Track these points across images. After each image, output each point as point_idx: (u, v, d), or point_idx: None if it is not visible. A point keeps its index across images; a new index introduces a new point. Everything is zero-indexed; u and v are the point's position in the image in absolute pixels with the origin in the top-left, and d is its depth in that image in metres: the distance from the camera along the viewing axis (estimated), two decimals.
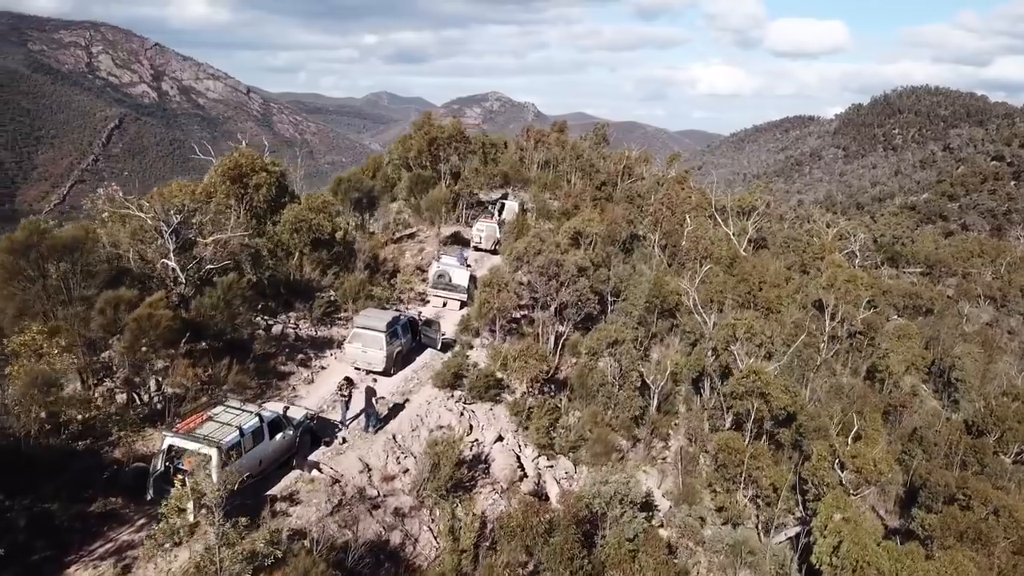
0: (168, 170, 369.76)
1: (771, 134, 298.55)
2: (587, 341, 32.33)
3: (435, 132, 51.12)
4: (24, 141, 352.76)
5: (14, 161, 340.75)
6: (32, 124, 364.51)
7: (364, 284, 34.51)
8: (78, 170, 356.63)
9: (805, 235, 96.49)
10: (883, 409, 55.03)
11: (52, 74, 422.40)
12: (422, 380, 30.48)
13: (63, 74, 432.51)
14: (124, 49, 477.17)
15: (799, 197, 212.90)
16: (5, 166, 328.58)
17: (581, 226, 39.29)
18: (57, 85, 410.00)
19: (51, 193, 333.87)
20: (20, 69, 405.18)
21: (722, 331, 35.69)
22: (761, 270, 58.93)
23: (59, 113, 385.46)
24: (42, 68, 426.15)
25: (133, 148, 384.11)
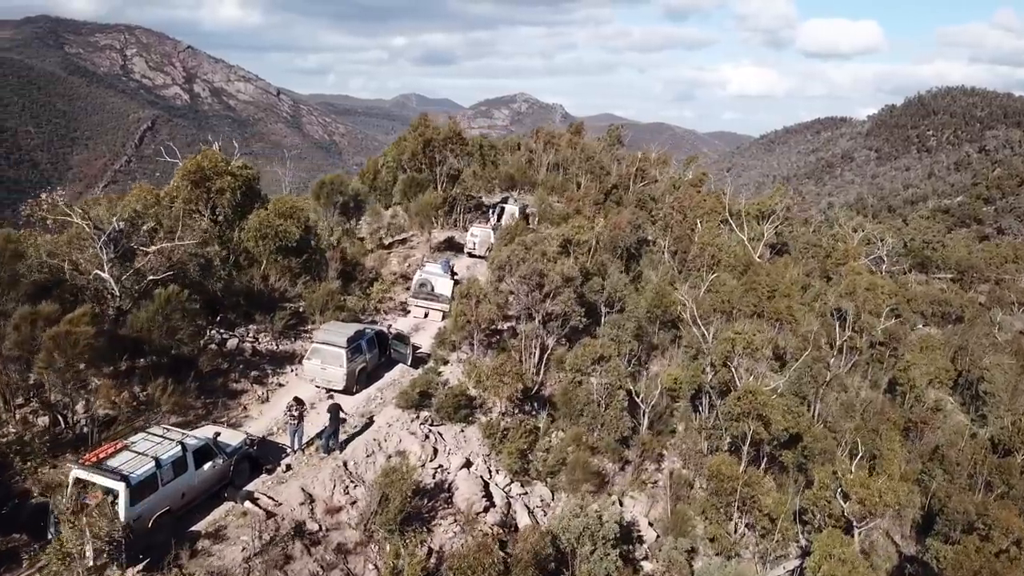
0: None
1: (802, 136, 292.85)
2: (570, 357, 30.13)
3: (431, 133, 49.22)
4: (60, 142, 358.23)
5: (50, 162, 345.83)
6: (68, 125, 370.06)
7: (334, 294, 32.56)
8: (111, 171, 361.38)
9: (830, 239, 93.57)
10: (903, 426, 52.22)
11: (88, 76, 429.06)
12: (386, 400, 28.38)
13: (98, 76, 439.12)
14: (157, 52, 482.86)
15: (830, 199, 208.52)
16: (41, 167, 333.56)
17: (571, 233, 37.10)
18: (92, 87, 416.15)
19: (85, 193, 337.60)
20: (57, 71, 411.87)
21: (721, 345, 33.30)
22: (775, 278, 56.32)
23: (94, 115, 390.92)
24: (78, 70, 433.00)
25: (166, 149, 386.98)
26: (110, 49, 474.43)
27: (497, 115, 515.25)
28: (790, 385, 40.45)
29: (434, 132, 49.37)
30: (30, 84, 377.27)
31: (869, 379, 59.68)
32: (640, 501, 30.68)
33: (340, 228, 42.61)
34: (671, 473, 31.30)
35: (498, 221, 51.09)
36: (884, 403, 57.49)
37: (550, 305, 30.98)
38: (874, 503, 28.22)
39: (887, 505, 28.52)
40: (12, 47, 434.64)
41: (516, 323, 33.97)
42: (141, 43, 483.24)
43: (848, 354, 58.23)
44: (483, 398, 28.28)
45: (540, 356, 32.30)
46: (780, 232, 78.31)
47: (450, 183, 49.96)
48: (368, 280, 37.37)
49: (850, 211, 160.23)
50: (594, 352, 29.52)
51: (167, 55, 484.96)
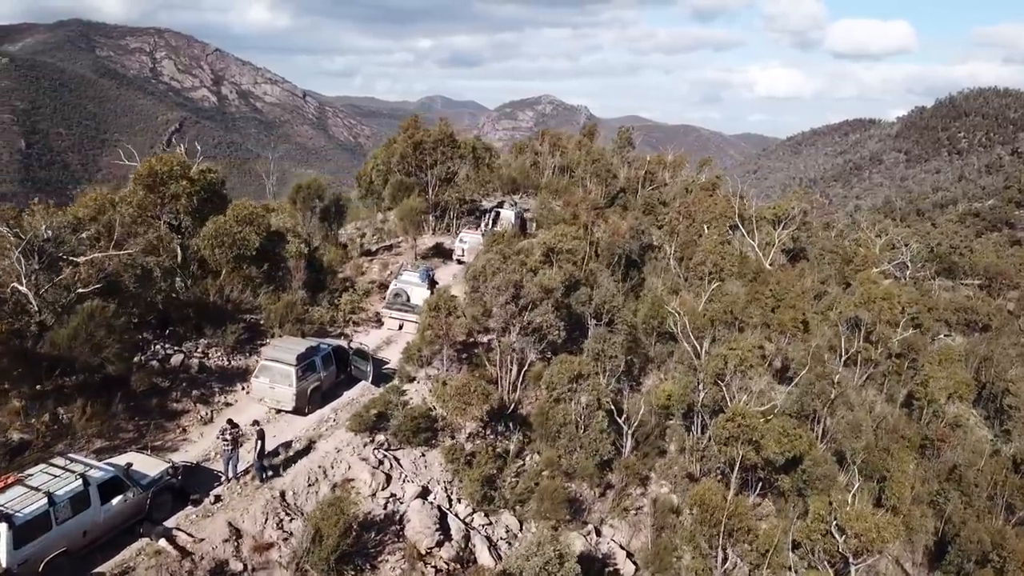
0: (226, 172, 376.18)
1: (829, 137, 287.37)
2: (546, 375, 28.01)
3: (421, 135, 47.37)
4: (90, 144, 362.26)
5: (80, 163, 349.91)
6: (97, 127, 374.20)
7: (294, 306, 30.67)
8: None
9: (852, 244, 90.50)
10: (919, 443, 49.51)
11: (118, 79, 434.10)
12: (340, 421, 26.39)
13: (128, 79, 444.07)
14: (186, 54, 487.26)
15: (857, 203, 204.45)
16: (71, 168, 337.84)
17: (553, 241, 34.96)
18: (122, 89, 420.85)
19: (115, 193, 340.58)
20: (88, 74, 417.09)
21: (712, 362, 31.06)
22: (784, 286, 53.80)
23: (123, 117, 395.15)
24: (109, 73, 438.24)
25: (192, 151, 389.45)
26: (140, 52, 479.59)
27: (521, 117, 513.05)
28: (792, 403, 38.09)
29: (424, 134, 47.54)
30: (62, 87, 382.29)
31: (885, 392, 56.95)
32: (620, 530, 28.56)
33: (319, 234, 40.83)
34: (655, 500, 29.13)
35: (493, 227, 49.13)
36: (899, 419, 54.73)
37: (528, 318, 28.92)
38: (872, 539, 25.87)
39: (886, 541, 26.14)
40: (45, 50, 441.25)
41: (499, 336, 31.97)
42: (170, 46, 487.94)
43: (863, 366, 55.63)
44: (450, 419, 26.23)
45: (517, 372, 30.26)
46: (797, 237, 75.65)
47: (443, 186, 48.07)
48: (340, 290, 35.45)
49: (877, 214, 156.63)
50: (571, 369, 27.40)
51: (195, 58, 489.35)
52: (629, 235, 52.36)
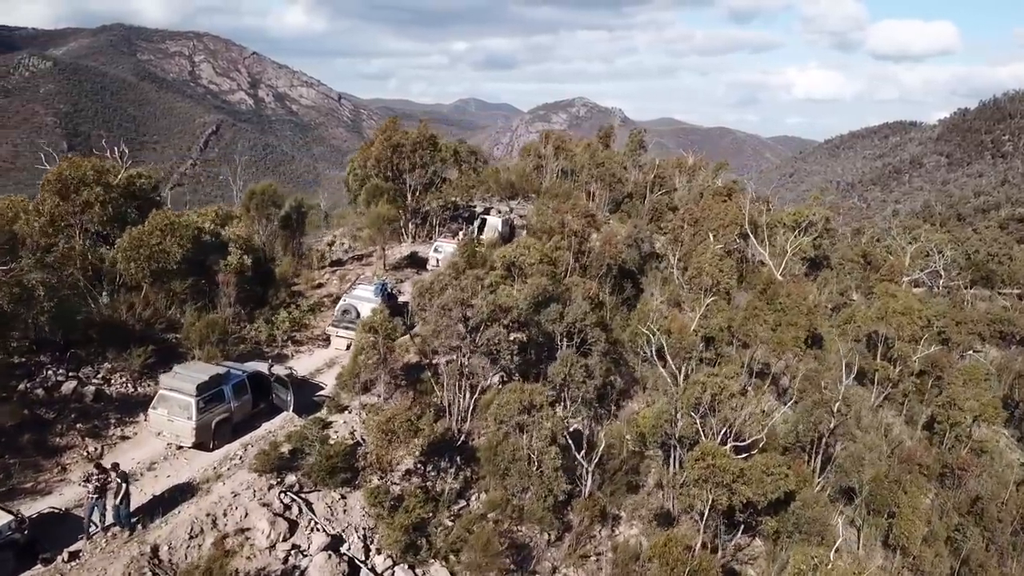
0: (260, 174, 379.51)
1: (868, 140, 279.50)
2: (494, 405, 25.06)
3: (399, 138, 44.76)
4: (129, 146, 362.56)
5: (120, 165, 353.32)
6: (137, 130, 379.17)
7: (215, 325, 27.98)
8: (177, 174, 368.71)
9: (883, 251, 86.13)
10: (938, 471, 45.67)
11: (157, 82, 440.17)
12: (247, 459, 23.60)
13: (168, 82, 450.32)
14: (224, 58, 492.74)
15: (895, 207, 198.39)
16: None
17: (514, 255, 31.95)
18: (161, 92, 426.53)
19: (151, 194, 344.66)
20: (129, 78, 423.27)
21: (690, 390, 27.94)
22: (796, 299, 50.28)
23: (162, 119, 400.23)
24: (149, 76, 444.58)
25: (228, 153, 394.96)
26: (179, 56, 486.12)
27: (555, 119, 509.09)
28: (788, 432, 34.75)
29: (403, 136, 44.91)
30: (103, 90, 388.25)
31: (904, 414, 53.08)
32: None
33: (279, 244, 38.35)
34: (616, 547, 26.10)
35: (479, 235, 46.36)
36: (918, 444, 50.86)
37: (479, 339, 26.08)
38: None
39: None
40: (88, 54, 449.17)
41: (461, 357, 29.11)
42: (209, 49, 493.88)
43: (880, 386, 51.86)
44: (376, 456, 23.35)
45: (469, 399, 27.43)
46: (819, 245, 71.82)
47: (424, 192, 45.41)
48: (283, 305, 32.67)
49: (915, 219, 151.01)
50: (522, 398, 24.45)
51: (233, 61, 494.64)
52: (627, 243, 49.36)
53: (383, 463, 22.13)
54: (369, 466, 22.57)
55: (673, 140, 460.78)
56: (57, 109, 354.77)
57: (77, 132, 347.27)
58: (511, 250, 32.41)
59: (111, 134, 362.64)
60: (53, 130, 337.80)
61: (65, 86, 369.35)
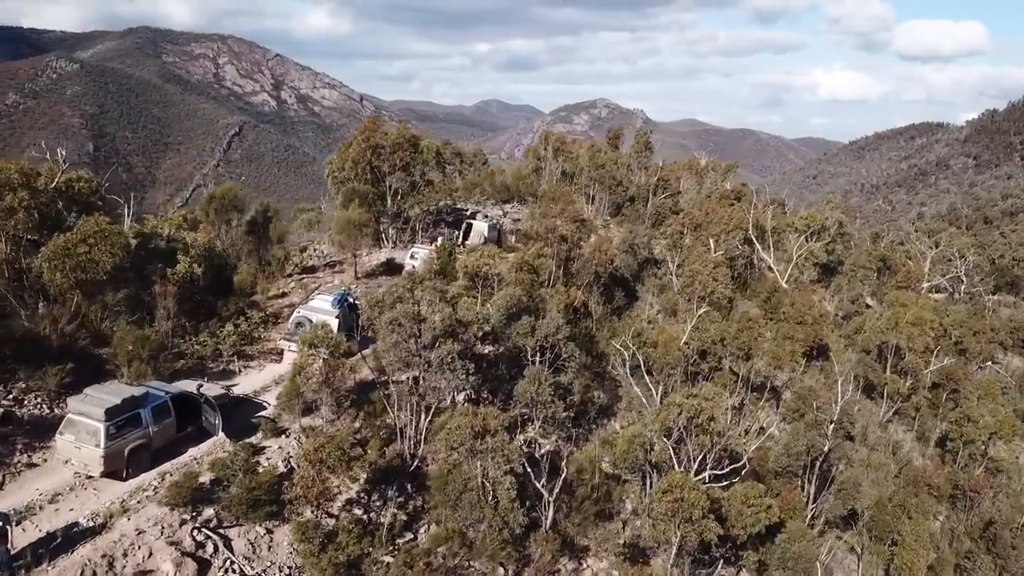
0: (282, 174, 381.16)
1: (894, 142, 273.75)
2: (444, 431, 23.05)
3: (378, 139, 42.94)
4: (154, 147, 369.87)
5: (144, 166, 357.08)
6: (161, 131, 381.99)
7: (146, 340, 26.03)
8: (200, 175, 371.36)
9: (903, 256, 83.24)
10: (949, 492, 43.13)
11: (182, 84, 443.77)
12: (162, 490, 21.24)
13: (192, 84, 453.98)
14: (248, 60, 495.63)
15: (920, 209, 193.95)
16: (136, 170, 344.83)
17: (478, 264, 29.86)
18: (186, 94, 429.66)
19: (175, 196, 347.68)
20: (154, 80, 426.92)
21: (663, 413, 25.87)
22: (799, 308, 47.92)
23: (186, 121, 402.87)
24: (174, 78, 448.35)
25: (251, 154, 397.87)
26: (204, 58, 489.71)
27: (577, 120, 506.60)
28: (778, 455, 32.51)
29: (382, 137, 43.09)
30: (129, 91, 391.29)
31: (916, 430, 50.50)
32: None
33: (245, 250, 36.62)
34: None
35: (464, 240, 44.44)
36: (929, 463, 48.30)
37: (432, 356, 24.13)
38: None
39: None
40: (115, 56, 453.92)
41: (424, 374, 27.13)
42: (233, 51, 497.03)
43: (890, 400, 49.38)
44: (308, 487, 21.33)
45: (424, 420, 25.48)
46: (832, 250, 69.20)
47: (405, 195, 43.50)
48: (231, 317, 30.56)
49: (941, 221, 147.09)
50: (474, 423, 22.47)
51: (257, 63, 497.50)
52: (622, 249, 47.26)
53: (309, 496, 20.18)
54: (298, 498, 20.58)
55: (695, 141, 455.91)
56: (83, 111, 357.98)
57: (103, 133, 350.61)
58: (475, 259, 30.38)
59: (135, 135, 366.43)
60: (79, 131, 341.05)
61: (91, 88, 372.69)
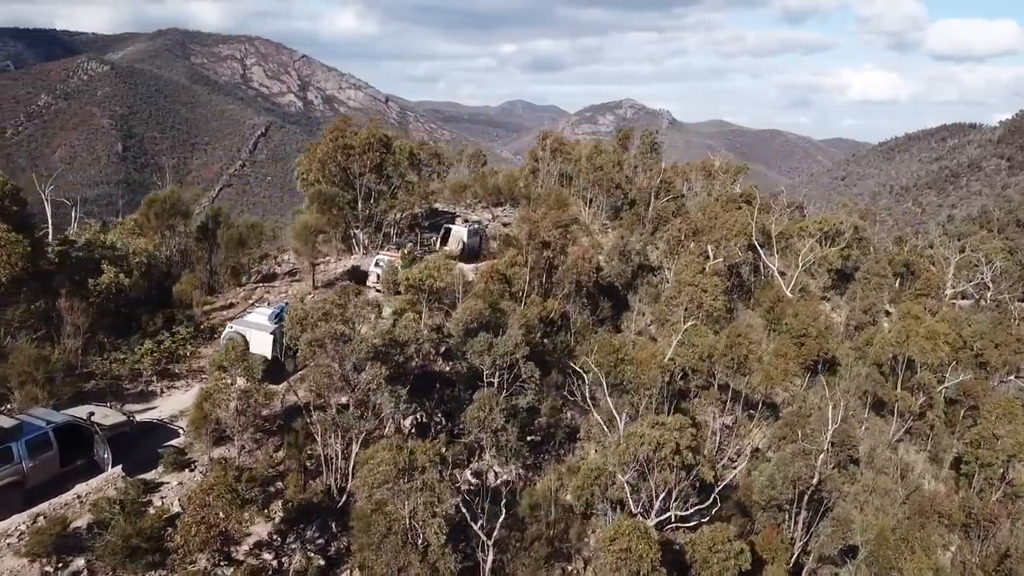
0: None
1: (925, 143, 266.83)
2: (366, 468, 20.51)
3: (348, 138, 40.67)
4: (181, 147, 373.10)
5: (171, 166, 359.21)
6: (189, 132, 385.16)
7: (40, 360, 23.51)
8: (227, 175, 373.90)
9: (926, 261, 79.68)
10: (963, 520, 39.97)
11: (210, 85, 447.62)
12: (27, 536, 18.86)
13: (219, 85, 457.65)
14: (275, 61, 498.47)
15: (951, 212, 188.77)
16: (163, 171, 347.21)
17: (420, 277, 27.27)
18: (213, 95, 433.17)
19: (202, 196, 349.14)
20: (182, 81, 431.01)
21: (623, 445, 23.27)
22: (803, 320, 45.04)
23: (213, 122, 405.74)
24: (202, 79, 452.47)
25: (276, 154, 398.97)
26: (231, 59, 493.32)
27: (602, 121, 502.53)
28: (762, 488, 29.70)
29: (351, 137, 40.83)
30: (158, 92, 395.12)
31: (929, 450, 47.29)
32: None
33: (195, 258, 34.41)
34: None
35: (442, 246, 42.01)
36: (942, 486, 45.12)
37: (360, 380, 21.75)
38: None
39: None
40: (145, 58, 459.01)
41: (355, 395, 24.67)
42: (260, 53, 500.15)
43: (900, 418, 46.30)
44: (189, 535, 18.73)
45: (355, 451, 23.03)
46: (848, 256, 65.97)
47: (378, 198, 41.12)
48: (155, 333, 28.08)
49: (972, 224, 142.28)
50: (399, 459, 19.99)
51: (283, 64, 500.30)
52: (613, 255, 44.71)
53: (191, 546, 17.76)
54: (180, 547, 18.13)
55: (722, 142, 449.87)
56: (113, 112, 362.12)
57: (132, 134, 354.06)
58: (417, 271, 27.82)
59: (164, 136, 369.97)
60: (109, 132, 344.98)
61: (121, 89, 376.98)
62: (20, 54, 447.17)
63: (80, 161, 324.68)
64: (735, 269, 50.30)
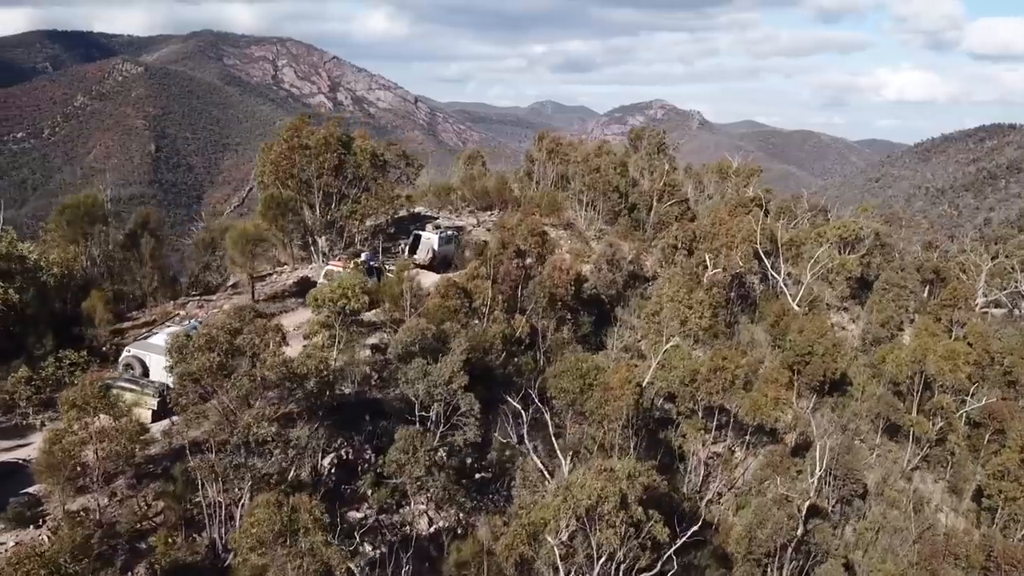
0: None
1: (962, 144, 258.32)
2: (238, 531, 17.30)
3: (305, 138, 37.78)
4: (213, 148, 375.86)
5: (203, 166, 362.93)
6: (221, 132, 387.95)
7: None
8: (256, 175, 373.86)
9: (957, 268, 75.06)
10: (981, 563, 36.04)
11: (241, 86, 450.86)
12: None
13: (251, 86, 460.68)
14: (306, 62, 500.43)
15: (988, 215, 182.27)
16: (195, 170, 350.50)
17: (331, 296, 23.88)
18: (245, 96, 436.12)
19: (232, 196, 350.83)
20: (215, 82, 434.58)
21: (559, 499, 19.93)
22: (808, 336, 41.36)
23: (244, 122, 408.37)
24: (233, 81, 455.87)
25: None
26: (263, 60, 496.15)
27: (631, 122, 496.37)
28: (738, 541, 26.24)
29: (308, 136, 37.94)
30: (190, 94, 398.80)
31: (948, 479, 43.28)
32: None
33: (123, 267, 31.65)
34: None
35: (411, 254, 38.93)
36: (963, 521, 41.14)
37: (241, 423, 18.65)
38: None
39: None
40: (178, 59, 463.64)
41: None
42: (291, 54, 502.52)
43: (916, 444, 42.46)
44: None
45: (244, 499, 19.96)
46: (868, 263, 61.96)
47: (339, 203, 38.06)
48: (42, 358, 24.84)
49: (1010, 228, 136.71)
50: (277, 519, 16.82)
51: (314, 65, 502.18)
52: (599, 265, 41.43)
53: None
54: None
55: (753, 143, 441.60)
56: (147, 112, 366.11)
57: (164, 134, 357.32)
58: (327, 290, 24.57)
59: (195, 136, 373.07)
60: (142, 132, 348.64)
61: (155, 90, 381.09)
62: (58, 56, 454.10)
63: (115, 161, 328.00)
64: (738, 280, 46.69)
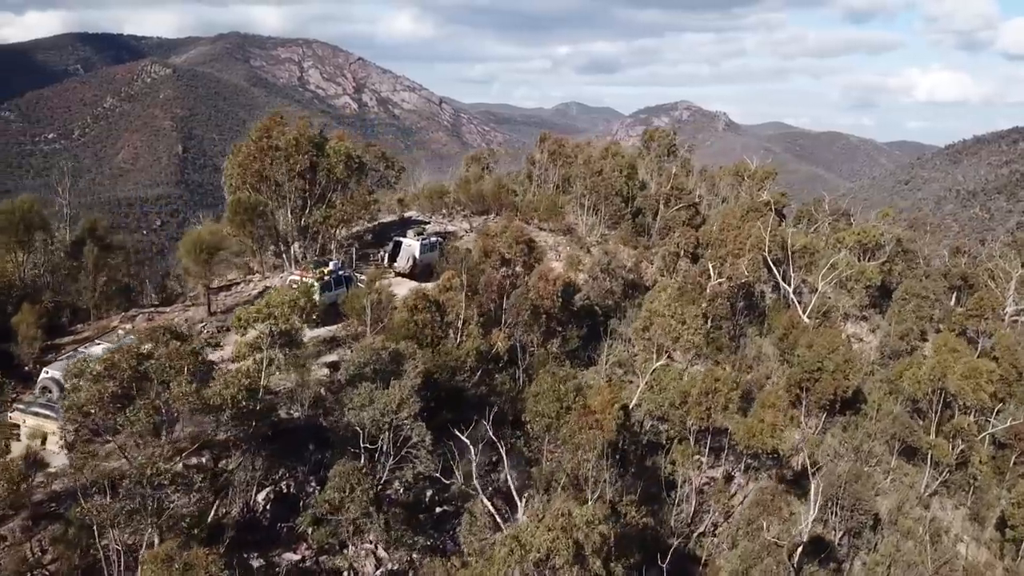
0: None
1: (995, 145, 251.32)
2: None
3: (275, 139, 35.82)
4: None
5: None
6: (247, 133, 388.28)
7: None
8: None
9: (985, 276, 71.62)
10: None
11: (268, 87, 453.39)
12: None
13: (277, 87, 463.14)
14: (331, 64, 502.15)
15: (1021, 218, 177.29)
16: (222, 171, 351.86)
17: (253, 316, 21.46)
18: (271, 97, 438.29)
19: None
20: (241, 83, 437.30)
21: (509, 550, 17.64)
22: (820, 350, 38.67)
23: None
24: (260, 82, 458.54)
25: None
26: (289, 62, 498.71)
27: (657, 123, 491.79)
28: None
29: (279, 137, 35.94)
30: (216, 95, 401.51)
31: (969, 506, 40.36)
32: None
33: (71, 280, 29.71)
34: None
35: (391, 262, 36.81)
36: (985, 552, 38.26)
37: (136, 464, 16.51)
38: None
39: None
40: (206, 61, 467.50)
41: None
42: (317, 56, 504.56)
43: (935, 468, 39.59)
44: None
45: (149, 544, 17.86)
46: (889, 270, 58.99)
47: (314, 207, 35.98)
48: None
49: None
50: (178, 567, 14.75)
51: (339, 67, 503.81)
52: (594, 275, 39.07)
53: None
54: None
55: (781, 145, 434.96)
56: (174, 114, 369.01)
57: (191, 136, 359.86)
58: (255, 307, 22.32)
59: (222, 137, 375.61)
60: (170, 133, 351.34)
61: (182, 91, 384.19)
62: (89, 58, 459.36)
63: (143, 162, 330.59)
64: (745, 289, 44.06)
